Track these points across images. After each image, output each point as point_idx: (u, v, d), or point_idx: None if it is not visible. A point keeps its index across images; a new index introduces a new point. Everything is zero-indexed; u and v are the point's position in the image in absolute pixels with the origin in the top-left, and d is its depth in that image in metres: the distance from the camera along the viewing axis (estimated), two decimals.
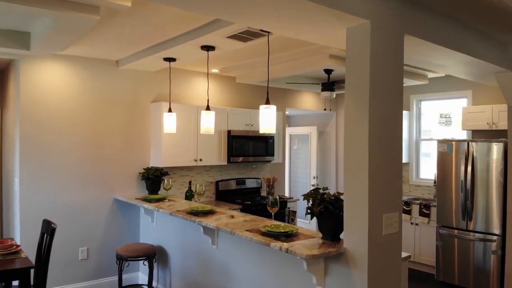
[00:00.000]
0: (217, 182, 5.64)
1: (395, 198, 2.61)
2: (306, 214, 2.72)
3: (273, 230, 2.84)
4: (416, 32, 2.75)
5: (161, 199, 4.42)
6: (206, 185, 5.59)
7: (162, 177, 4.88)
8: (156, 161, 4.94)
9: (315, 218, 2.71)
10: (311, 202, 2.70)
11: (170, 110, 4.26)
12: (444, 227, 5.14)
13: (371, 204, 2.42)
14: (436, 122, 6.30)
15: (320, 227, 2.72)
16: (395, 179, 2.60)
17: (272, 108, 2.94)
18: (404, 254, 2.80)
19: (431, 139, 6.31)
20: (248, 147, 5.57)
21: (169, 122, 4.21)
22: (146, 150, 5.10)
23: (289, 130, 8.08)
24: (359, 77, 2.46)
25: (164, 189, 4.45)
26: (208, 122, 3.71)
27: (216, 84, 5.76)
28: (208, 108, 3.78)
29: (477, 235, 4.84)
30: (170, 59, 4.25)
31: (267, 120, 2.93)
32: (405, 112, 6.28)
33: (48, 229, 3.38)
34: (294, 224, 5.70)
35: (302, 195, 2.77)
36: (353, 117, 2.49)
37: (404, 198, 5.96)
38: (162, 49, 3.90)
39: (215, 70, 5.43)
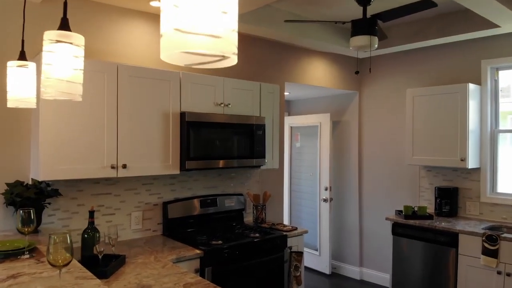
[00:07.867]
0: (165, 205, 3.27)
1: None
2: None
3: None
4: None
5: (17, 252, 2.06)
6: (148, 209, 3.23)
7: (45, 199, 2.54)
8: (36, 170, 2.59)
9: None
10: None
11: (22, 57, 1.86)
12: None
13: None
14: None
15: None
16: None
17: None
18: None
19: None
20: (220, 142, 3.21)
21: (19, 84, 1.83)
22: (24, 150, 2.74)
23: (288, 120, 5.72)
24: None
25: (18, 231, 2.06)
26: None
27: (157, 32, 3.37)
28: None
29: None
30: None
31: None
32: (473, 87, 3.93)
33: None
34: (299, 275, 3.33)
35: None
36: None
37: (482, 226, 3.61)
38: None
39: (155, 3, 3.04)
